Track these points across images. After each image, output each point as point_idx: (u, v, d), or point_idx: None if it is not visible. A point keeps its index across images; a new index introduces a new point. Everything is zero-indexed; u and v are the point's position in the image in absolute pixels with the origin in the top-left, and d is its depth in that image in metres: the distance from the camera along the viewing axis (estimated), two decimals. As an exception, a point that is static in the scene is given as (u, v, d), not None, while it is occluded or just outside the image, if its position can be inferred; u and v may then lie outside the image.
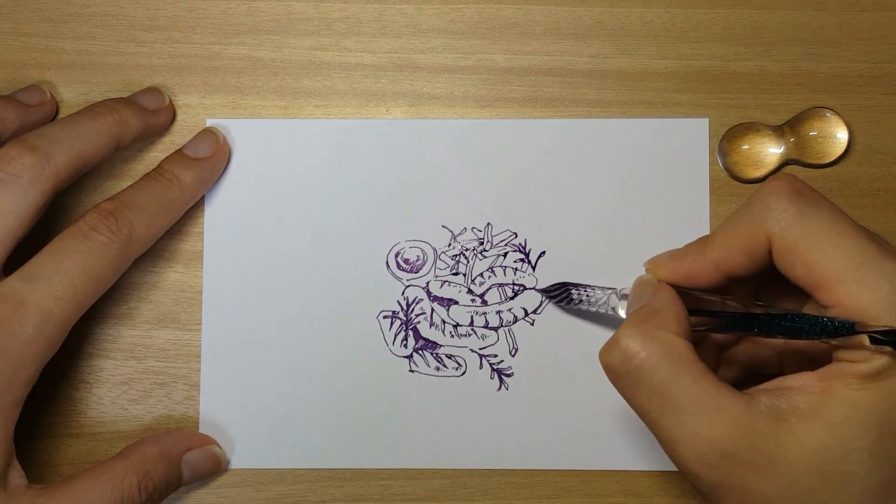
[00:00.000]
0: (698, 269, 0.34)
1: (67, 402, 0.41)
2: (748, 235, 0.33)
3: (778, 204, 0.32)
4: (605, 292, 0.38)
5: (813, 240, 0.31)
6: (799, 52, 0.41)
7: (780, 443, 0.30)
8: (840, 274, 0.31)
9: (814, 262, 0.31)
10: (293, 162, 0.41)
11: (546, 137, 0.41)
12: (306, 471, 0.40)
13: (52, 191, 0.36)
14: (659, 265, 0.36)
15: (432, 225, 0.41)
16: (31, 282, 0.34)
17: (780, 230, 0.32)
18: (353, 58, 0.42)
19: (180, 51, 0.42)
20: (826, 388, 0.31)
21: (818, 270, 0.31)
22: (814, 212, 0.32)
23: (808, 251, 0.31)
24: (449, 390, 0.40)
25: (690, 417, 0.31)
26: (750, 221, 0.33)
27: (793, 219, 0.32)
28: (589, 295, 0.39)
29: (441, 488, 0.40)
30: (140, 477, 0.36)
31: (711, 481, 0.31)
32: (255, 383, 0.40)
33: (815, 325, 0.31)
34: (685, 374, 0.32)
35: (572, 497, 0.40)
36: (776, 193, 0.32)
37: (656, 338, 0.32)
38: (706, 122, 0.41)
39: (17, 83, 0.41)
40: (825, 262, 0.31)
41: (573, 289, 0.39)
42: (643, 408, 0.32)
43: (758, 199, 0.33)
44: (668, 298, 0.34)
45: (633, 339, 0.32)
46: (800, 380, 0.32)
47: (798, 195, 0.32)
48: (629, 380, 0.33)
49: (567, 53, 0.41)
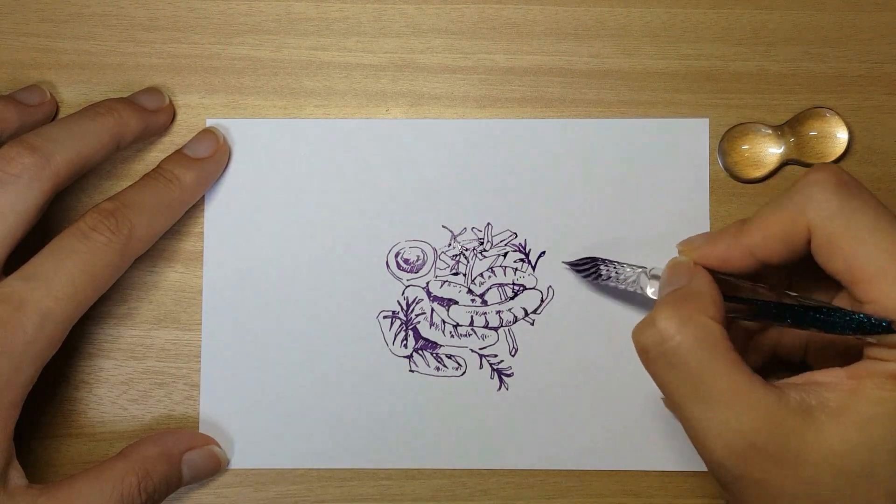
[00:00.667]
0: (733, 254, 0.34)
1: (67, 402, 0.41)
2: (788, 224, 0.32)
3: (821, 195, 0.32)
4: (635, 270, 0.38)
5: (854, 233, 0.31)
6: (799, 52, 0.41)
7: (807, 440, 0.30)
8: (880, 270, 0.30)
9: (853, 256, 0.31)
10: (293, 162, 0.41)
11: (546, 137, 0.41)
12: (306, 471, 0.40)
13: (52, 191, 0.36)
14: (693, 247, 0.35)
15: (432, 225, 0.41)
16: (31, 282, 0.34)
17: (821, 221, 0.32)
18: (353, 58, 0.42)
19: (180, 51, 0.42)
20: (856, 387, 0.30)
21: (857, 265, 0.31)
22: (857, 205, 0.31)
23: (848, 245, 0.31)
24: (449, 390, 0.40)
25: (721, 406, 0.31)
26: (791, 210, 0.32)
27: (835, 211, 0.31)
28: (618, 272, 0.38)
29: (441, 488, 0.40)
30: (140, 477, 0.36)
31: (735, 473, 0.31)
32: (255, 383, 0.40)
33: (851, 321, 0.31)
34: (720, 361, 0.31)
35: (572, 497, 0.40)
36: (820, 184, 0.32)
37: (694, 322, 0.32)
38: (706, 122, 0.41)
39: (17, 83, 0.41)
40: (865, 257, 0.31)
41: (602, 264, 0.39)
42: (673, 391, 0.32)
43: (801, 188, 0.32)
44: (706, 282, 0.34)
45: (671, 320, 0.32)
46: (830, 376, 0.31)
47: (843, 187, 0.32)
48: (663, 362, 0.32)
49: (567, 53, 0.41)
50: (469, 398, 0.40)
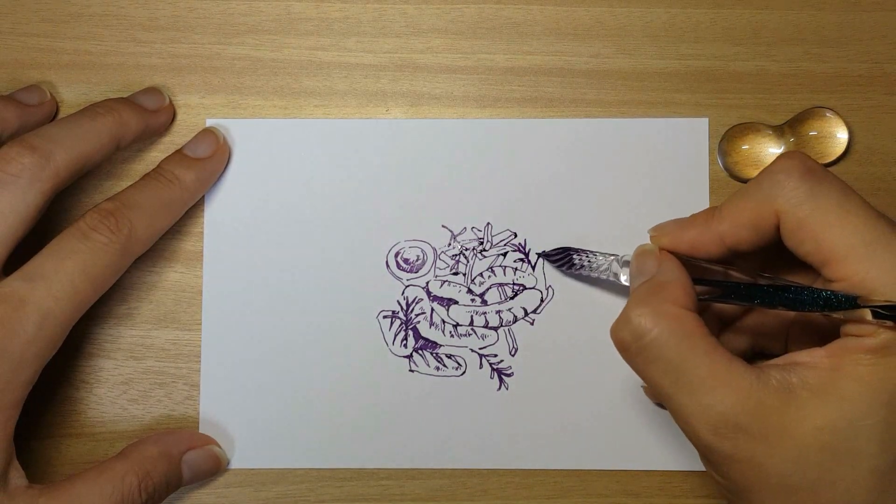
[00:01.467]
0: (704, 240, 0.35)
1: (67, 402, 0.41)
2: (757, 211, 0.33)
3: (788, 181, 0.32)
4: (607, 258, 0.38)
5: (822, 216, 0.32)
6: (799, 52, 0.41)
7: (790, 417, 0.30)
8: (848, 250, 0.31)
9: (822, 237, 0.31)
10: (293, 162, 0.41)
11: (546, 137, 0.41)
12: (306, 471, 0.40)
13: (52, 191, 0.36)
14: (664, 233, 0.36)
15: (432, 225, 0.41)
16: (31, 282, 0.34)
17: (789, 207, 0.32)
18: (353, 58, 0.42)
19: (180, 51, 0.42)
20: (835, 364, 0.31)
21: (826, 246, 0.31)
22: (824, 189, 0.32)
23: (817, 227, 0.32)
24: (449, 390, 0.40)
25: (703, 391, 0.31)
26: (759, 197, 0.33)
27: (803, 196, 0.32)
28: (591, 260, 0.39)
29: (441, 488, 0.40)
30: (140, 477, 0.36)
31: (723, 453, 0.31)
32: (255, 383, 0.40)
33: (818, 298, 0.31)
34: (697, 348, 0.32)
35: (572, 497, 0.40)
36: (787, 171, 0.33)
37: (667, 313, 0.32)
38: (706, 122, 0.41)
39: (17, 83, 0.41)
40: (834, 238, 0.31)
41: (575, 254, 0.39)
42: (657, 383, 0.32)
43: (768, 176, 0.33)
44: (674, 270, 0.34)
45: (644, 316, 0.32)
46: (809, 356, 0.32)
47: (809, 172, 0.32)
48: (642, 357, 0.33)
49: (567, 53, 0.41)
50: (469, 398, 0.40)
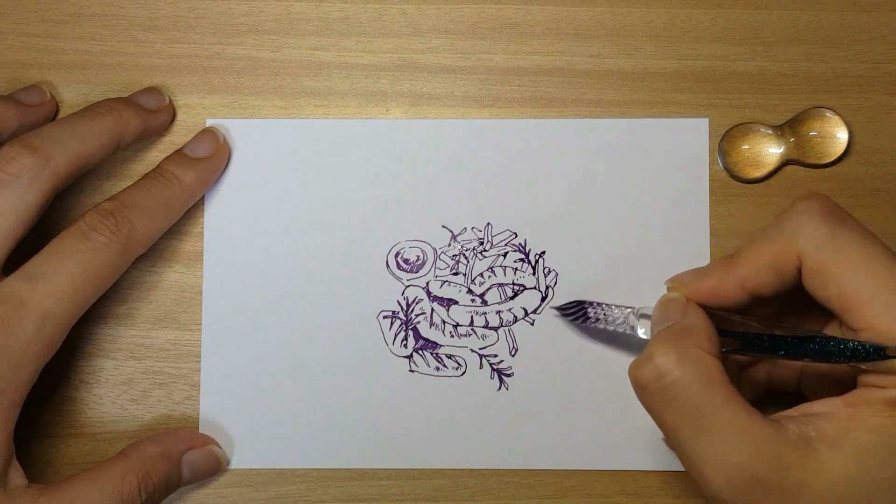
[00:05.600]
0: (724, 287, 0.34)
1: (67, 402, 0.41)
2: (778, 253, 0.33)
3: (810, 223, 0.32)
4: (623, 311, 0.38)
5: (845, 261, 0.31)
6: (799, 52, 0.41)
7: (808, 471, 0.30)
8: (871, 297, 0.31)
9: (846, 282, 0.31)
10: (293, 162, 0.41)
11: (546, 137, 0.41)
12: (306, 471, 0.40)
13: (51, 191, 0.36)
14: (683, 283, 0.35)
15: (432, 225, 0.41)
16: (31, 282, 0.34)
17: (811, 249, 0.32)
18: (353, 58, 0.42)
19: (180, 51, 0.42)
20: (852, 415, 0.30)
21: (849, 292, 0.31)
22: (846, 233, 0.32)
23: (840, 272, 0.31)
24: (449, 390, 0.40)
25: (721, 440, 0.31)
26: (780, 239, 0.33)
27: (825, 238, 0.32)
28: (606, 313, 0.38)
29: (441, 488, 0.40)
30: (140, 477, 0.36)
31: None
32: (255, 383, 0.40)
33: (845, 349, 0.31)
34: (718, 395, 0.31)
35: (572, 497, 0.40)
36: (808, 212, 0.32)
37: (691, 356, 0.32)
38: (706, 122, 0.41)
39: (17, 83, 0.41)
40: (856, 284, 0.31)
41: (589, 307, 0.38)
42: (672, 426, 0.32)
43: (789, 217, 0.33)
44: (700, 317, 0.34)
45: (669, 356, 0.32)
46: (826, 406, 0.31)
47: (830, 215, 0.32)
48: (661, 397, 0.32)
49: (567, 53, 0.41)
50: (469, 398, 0.40)
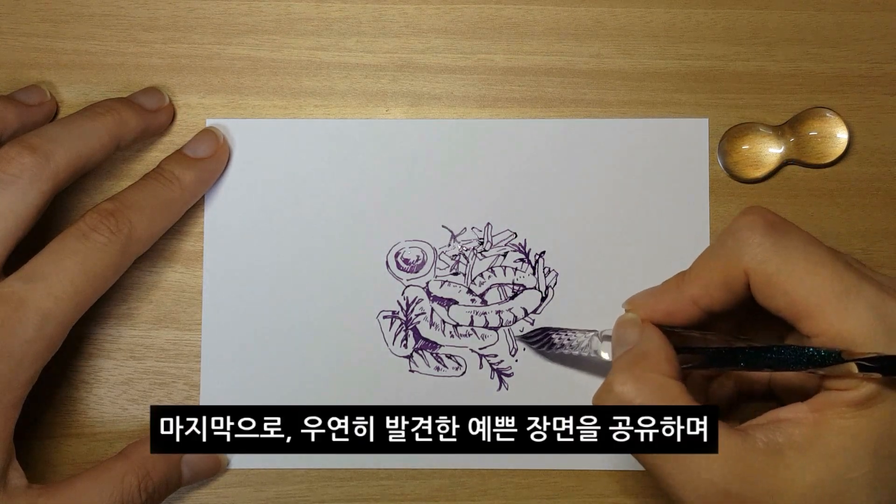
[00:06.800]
0: (678, 306, 0.34)
1: (67, 402, 0.41)
2: (725, 271, 0.33)
3: (752, 238, 0.32)
4: (587, 335, 0.38)
5: (791, 271, 0.31)
6: (799, 52, 0.41)
7: (779, 478, 0.30)
8: (821, 303, 0.31)
9: (794, 292, 0.31)
10: (293, 162, 0.41)
11: (546, 137, 0.41)
12: (306, 471, 0.40)
13: (51, 191, 0.36)
14: (638, 304, 0.36)
15: (432, 225, 0.41)
16: (31, 282, 0.34)
17: (756, 264, 0.32)
18: (353, 58, 0.42)
19: (180, 51, 0.42)
20: (819, 419, 0.31)
21: (799, 301, 0.31)
22: (789, 243, 0.32)
23: (786, 283, 0.31)
24: (449, 390, 0.40)
25: (689, 460, 0.31)
26: (725, 257, 0.33)
27: (769, 251, 0.32)
28: (570, 339, 0.38)
29: (441, 488, 0.40)
30: (140, 477, 0.36)
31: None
32: (255, 383, 0.40)
33: (802, 356, 0.31)
34: None
35: (572, 497, 0.40)
36: (750, 227, 0.32)
37: (649, 382, 0.32)
38: (706, 122, 0.41)
39: (17, 83, 0.41)
40: (805, 293, 0.31)
41: (554, 333, 0.39)
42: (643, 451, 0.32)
43: (731, 235, 0.33)
44: (655, 339, 0.34)
45: (626, 384, 0.32)
46: (792, 412, 0.32)
47: (771, 227, 0.32)
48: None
49: (567, 53, 0.41)
50: (469, 398, 0.40)
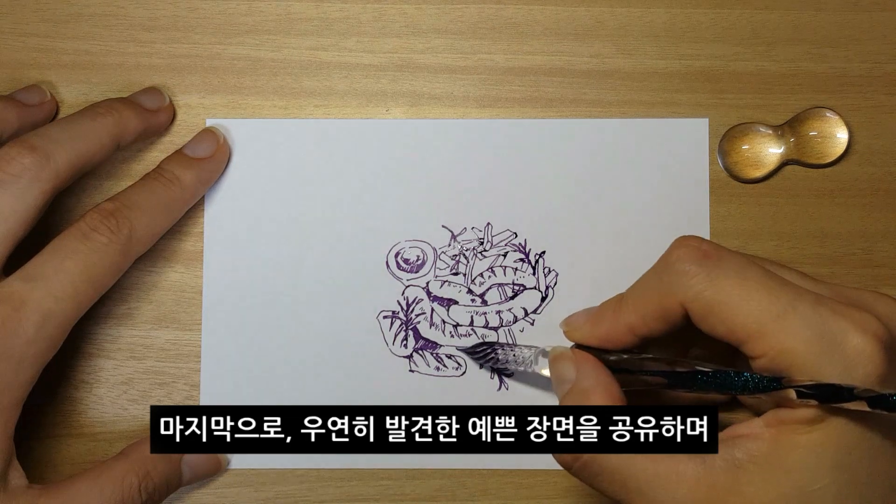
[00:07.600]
0: (615, 334, 0.35)
1: (67, 402, 0.41)
2: (661, 303, 0.33)
3: (686, 271, 0.32)
4: (531, 350, 0.38)
5: (726, 300, 0.32)
6: (799, 52, 0.41)
7: (743, 494, 0.31)
8: (760, 327, 0.31)
9: (731, 320, 0.31)
10: (293, 162, 0.41)
11: (546, 137, 0.41)
12: (306, 471, 0.40)
13: (52, 191, 0.36)
14: (575, 328, 0.36)
15: (432, 225, 0.41)
16: (31, 282, 0.34)
17: (692, 295, 0.32)
18: (353, 58, 0.42)
19: (180, 51, 0.42)
20: (776, 435, 0.31)
21: (737, 328, 0.31)
22: (722, 272, 0.32)
23: (723, 311, 0.32)
24: (449, 390, 0.40)
25: (653, 493, 0.31)
26: (661, 290, 0.33)
27: (703, 283, 0.32)
28: (515, 354, 0.38)
29: (441, 488, 0.40)
30: (140, 477, 0.36)
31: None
32: (255, 383, 0.40)
33: (746, 382, 0.32)
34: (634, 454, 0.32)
35: (572, 497, 0.40)
36: (682, 259, 0.32)
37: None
38: (706, 122, 0.41)
39: (17, 83, 0.41)
40: (742, 319, 0.31)
41: (499, 348, 0.39)
42: (607, 493, 0.33)
43: (665, 268, 0.33)
44: (592, 373, 0.34)
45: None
46: (749, 428, 0.32)
47: (704, 258, 0.32)
48: (585, 473, 0.33)
49: (567, 53, 0.41)
50: (469, 398, 0.40)
